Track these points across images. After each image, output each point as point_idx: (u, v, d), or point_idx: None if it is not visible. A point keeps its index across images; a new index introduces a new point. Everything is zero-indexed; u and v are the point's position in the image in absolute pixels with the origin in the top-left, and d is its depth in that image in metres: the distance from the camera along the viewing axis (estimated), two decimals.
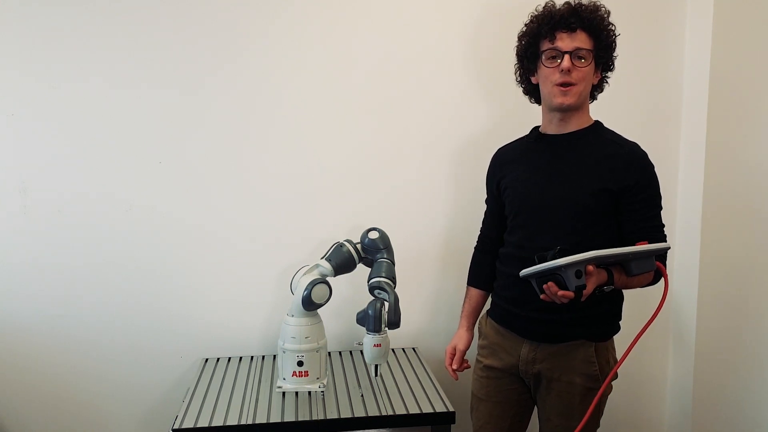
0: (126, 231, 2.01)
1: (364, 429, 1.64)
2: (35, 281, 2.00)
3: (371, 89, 2.06)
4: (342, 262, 1.79)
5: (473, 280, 1.81)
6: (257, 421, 1.60)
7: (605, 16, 1.53)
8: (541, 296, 1.38)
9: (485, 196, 1.82)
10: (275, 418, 1.62)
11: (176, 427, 1.57)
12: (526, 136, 1.69)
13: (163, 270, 2.04)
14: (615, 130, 1.61)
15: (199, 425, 1.58)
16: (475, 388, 1.74)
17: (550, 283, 1.33)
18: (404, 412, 1.64)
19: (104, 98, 1.96)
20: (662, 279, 1.45)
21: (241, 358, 2.09)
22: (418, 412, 1.65)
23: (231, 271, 2.07)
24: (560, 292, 1.31)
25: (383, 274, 1.70)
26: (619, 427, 2.33)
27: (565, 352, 1.54)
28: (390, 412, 1.64)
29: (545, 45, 1.52)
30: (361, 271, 1.81)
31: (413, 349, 2.15)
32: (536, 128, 1.67)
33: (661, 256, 1.47)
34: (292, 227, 2.08)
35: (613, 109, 2.14)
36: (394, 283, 1.71)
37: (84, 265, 2.01)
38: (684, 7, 2.15)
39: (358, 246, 1.80)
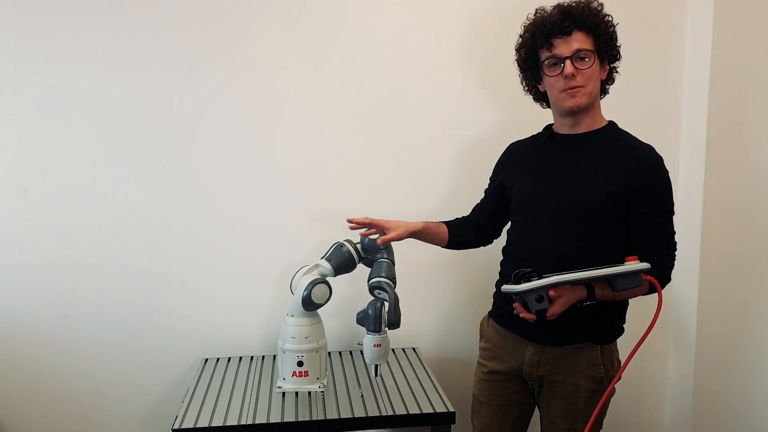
0: (126, 231, 2.01)
1: (364, 429, 1.63)
2: (35, 281, 2.00)
3: (372, 90, 2.06)
4: (342, 262, 1.79)
5: (449, 222, 1.75)
6: (257, 421, 1.60)
7: (599, 9, 1.47)
8: (514, 312, 1.40)
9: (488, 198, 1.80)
10: (275, 418, 1.62)
11: (176, 427, 1.57)
12: (540, 133, 1.64)
13: (163, 270, 2.04)
14: None
15: (199, 425, 1.58)
16: (477, 391, 1.72)
17: (516, 304, 1.38)
18: (404, 412, 1.64)
19: (104, 98, 1.96)
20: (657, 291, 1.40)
21: (241, 358, 2.09)
22: (418, 412, 1.65)
23: (231, 271, 2.07)
24: (522, 314, 1.35)
25: (383, 274, 1.69)
26: (620, 428, 2.33)
27: (571, 354, 1.51)
28: (390, 412, 1.64)
29: (544, 54, 1.48)
30: (361, 271, 1.81)
31: (413, 349, 2.15)
32: (549, 126, 1.62)
33: (663, 270, 1.41)
34: (291, 227, 2.07)
35: (612, 109, 2.15)
36: (394, 283, 1.70)
37: (84, 265, 2.01)
38: (684, 7, 2.15)
39: (358, 246, 1.80)
